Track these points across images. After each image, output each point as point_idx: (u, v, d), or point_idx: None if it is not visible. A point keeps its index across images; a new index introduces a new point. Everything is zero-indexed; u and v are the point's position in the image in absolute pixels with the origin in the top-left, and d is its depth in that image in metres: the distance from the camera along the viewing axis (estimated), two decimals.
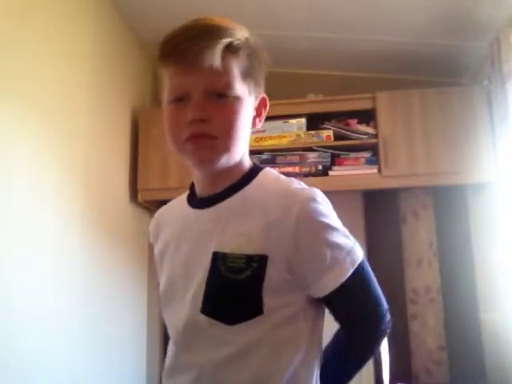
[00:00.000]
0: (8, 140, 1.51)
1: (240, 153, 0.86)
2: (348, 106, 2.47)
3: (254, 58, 0.85)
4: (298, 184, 0.84)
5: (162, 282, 0.95)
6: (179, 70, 0.81)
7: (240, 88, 0.82)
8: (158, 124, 2.78)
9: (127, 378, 2.37)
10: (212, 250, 0.81)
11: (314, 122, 2.49)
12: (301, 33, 2.41)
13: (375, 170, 2.40)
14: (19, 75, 1.58)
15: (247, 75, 0.84)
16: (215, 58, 0.78)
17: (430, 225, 2.62)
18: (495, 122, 2.27)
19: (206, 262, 0.81)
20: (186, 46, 0.78)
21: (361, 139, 2.45)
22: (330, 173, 2.42)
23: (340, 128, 2.48)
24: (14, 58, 1.55)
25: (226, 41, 0.80)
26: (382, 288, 0.87)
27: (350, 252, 0.81)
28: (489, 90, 2.33)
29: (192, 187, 0.94)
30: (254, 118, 0.89)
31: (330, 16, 2.33)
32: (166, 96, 0.85)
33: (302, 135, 2.47)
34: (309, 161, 2.45)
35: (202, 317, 0.80)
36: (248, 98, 0.84)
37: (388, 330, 0.88)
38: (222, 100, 0.80)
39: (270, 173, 0.89)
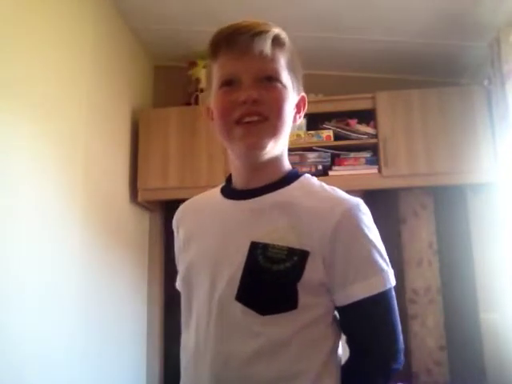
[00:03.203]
0: (8, 140, 1.51)
1: (282, 145, 0.89)
2: (348, 105, 2.47)
3: (295, 56, 0.90)
4: (342, 192, 0.88)
5: (184, 268, 0.93)
6: (231, 56, 0.85)
7: (286, 78, 0.86)
8: (158, 124, 2.80)
9: (127, 377, 2.37)
10: (250, 240, 0.82)
11: (314, 121, 2.49)
12: (301, 33, 2.41)
13: (375, 170, 2.40)
14: (19, 75, 1.58)
15: (291, 69, 0.88)
16: (266, 46, 0.83)
17: (430, 225, 2.62)
18: (495, 122, 2.27)
19: (241, 251, 0.82)
20: (239, 33, 0.83)
21: (361, 139, 2.45)
22: (330, 173, 2.42)
23: (340, 128, 2.48)
24: (13, 58, 1.55)
25: (275, 31, 0.85)
26: None
27: (383, 272, 0.82)
28: (489, 90, 2.33)
29: (228, 180, 0.96)
30: (295, 114, 0.92)
31: (330, 16, 2.33)
32: (214, 85, 0.88)
33: (302, 135, 2.47)
34: (309, 161, 2.45)
35: (236, 304, 0.81)
36: (292, 90, 0.88)
37: (397, 370, 0.85)
38: (272, 84, 0.84)
39: (312, 178, 0.92)
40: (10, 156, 1.52)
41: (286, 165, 0.92)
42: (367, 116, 2.49)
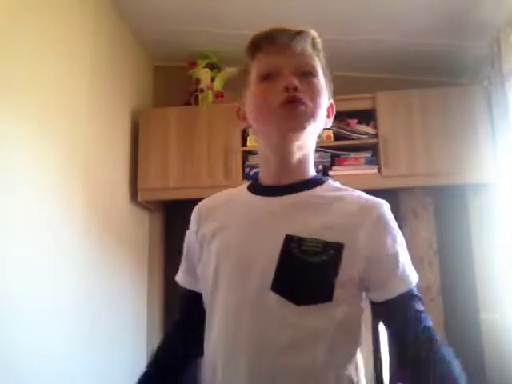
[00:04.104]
0: (8, 140, 1.51)
1: (312, 143, 0.92)
2: (348, 105, 2.46)
3: (327, 63, 0.94)
4: (368, 195, 0.92)
5: (210, 264, 0.92)
6: (273, 51, 0.88)
7: (322, 77, 0.90)
8: (158, 124, 2.80)
9: (127, 377, 2.37)
10: (285, 233, 0.84)
11: None
12: None
13: (375, 170, 2.40)
14: (19, 75, 1.58)
15: (324, 73, 0.92)
16: (307, 44, 0.89)
17: (430, 225, 2.62)
18: (495, 122, 2.27)
19: (276, 243, 0.83)
20: (281, 32, 0.88)
21: (361, 139, 2.45)
22: (330, 173, 2.42)
23: (340, 128, 2.47)
24: (14, 58, 1.55)
25: (314, 34, 0.91)
26: None
27: (411, 267, 0.88)
28: (489, 90, 2.33)
29: (255, 179, 0.98)
30: (325, 117, 0.94)
31: (330, 16, 2.33)
32: (252, 81, 0.91)
33: None
34: None
35: (271, 294, 0.81)
36: (326, 88, 0.91)
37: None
38: (310, 79, 0.88)
39: (336, 181, 0.95)
40: (9, 156, 1.52)
41: (312, 168, 0.95)
42: (367, 116, 2.49)
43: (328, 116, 0.95)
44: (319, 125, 0.90)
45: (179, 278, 1.03)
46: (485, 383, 2.35)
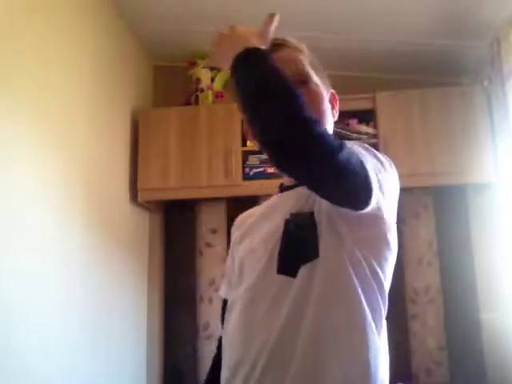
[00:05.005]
0: (8, 140, 1.51)
1: None
2: (348, 105, 2.46)
3: (314, 57, 0.96)
4: None
5: (236, 261, 0.98)
6: None
7: (315, 76, 0.91)
8: (158, 124, 2.79)
9: (127, 377, 2.37)
10: (284, 218, 0.88)
11: None
12: (301, 33, 2.40)
13: None
14: (19, 75, 1.58)
15: (315, 68, 0.93)
16: (290, 51, 0.91)
17: (430, 225, 2.62)
18: (495, 122, 2.27)
19: (279, 229, 0.88)
20: None
21: (361, 139, 2.45)
22: None
23: (340, 128, 2.47)
24: (14, 58, 1.55)
25: (290, 39, 0.93)
26: None
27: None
28: (489, 90, 2.33)
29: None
30: (331, 110, 0.95)
31: (331, 17, 2.33)
32: None
33: None
34: None
35: (277, 277, 0.84)
36: (323, 86, 0.93)
37: None
38: (306, 87, 0.88)
39: None
40: (9, 156, 1.51)
41: None
42: (367, 116, 2.49)
43: (333, 107, 0.97)
44: (330, 123, 0.92)
45: (221, 291, 1.07)
46: (485, 383, 2.35)
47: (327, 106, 0.91)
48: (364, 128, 2.47)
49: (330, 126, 0.92)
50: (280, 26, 0.88)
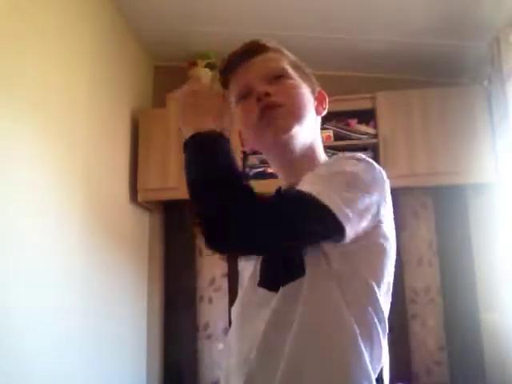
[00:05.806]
0: (8, 140, 1.51)
1: (310, 132, 0.93)
2: (348, 105, 2.46)
3: (296, 59, 0.96)
4: None
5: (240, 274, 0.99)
6: (239, 72, 0.92)
7: (293, 72, 0.92)
8: (158, 124, 2.79)
9: (127, 377, 2.37)
10: None
11: None
12: (301, 33, 2.41)
13: None
14: (19, 75, 1.58)
15: (295, 67, 0.94)
16: (267, 52, 0.92)
17: (430, 225, 2.62)
18: (495, 122, 2.27)
19: None
20: (238, 56, 0.92)
21: (361, 139, 2.45)
22: None
23: (340, 128, 2.47)
24: (14, 58, 1.55)
25: (270, 42, 0.94)
26: None
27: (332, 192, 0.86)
28: (489, 90, 2.33)
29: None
30: (317, 106, 0.96)
31: (331, 16, 2.33)
32: (233, 107, 0.93)
33: None
34: None
35: (260, 290, 0.85)
36: (303, 82, 0.93)
37: None
38: (281, 80, 0.89)
39: None
40: (9, 155, 1.51)
41: (323, 158, 0.96)
42: (367, 116, 2.49)
43: (321, 104, 0.97)
44: (310, 114, 0.91)
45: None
46: (485, 383, 2.35)
47: (304, 94, 0.91)
48: (364, 128, 2.47)
49: (309, 119, 0.91)
50: (281, 26, 0.88)
